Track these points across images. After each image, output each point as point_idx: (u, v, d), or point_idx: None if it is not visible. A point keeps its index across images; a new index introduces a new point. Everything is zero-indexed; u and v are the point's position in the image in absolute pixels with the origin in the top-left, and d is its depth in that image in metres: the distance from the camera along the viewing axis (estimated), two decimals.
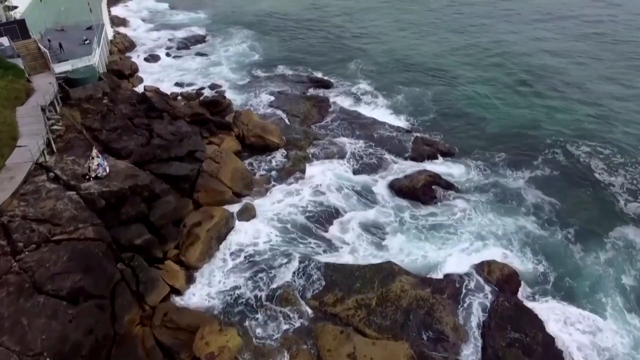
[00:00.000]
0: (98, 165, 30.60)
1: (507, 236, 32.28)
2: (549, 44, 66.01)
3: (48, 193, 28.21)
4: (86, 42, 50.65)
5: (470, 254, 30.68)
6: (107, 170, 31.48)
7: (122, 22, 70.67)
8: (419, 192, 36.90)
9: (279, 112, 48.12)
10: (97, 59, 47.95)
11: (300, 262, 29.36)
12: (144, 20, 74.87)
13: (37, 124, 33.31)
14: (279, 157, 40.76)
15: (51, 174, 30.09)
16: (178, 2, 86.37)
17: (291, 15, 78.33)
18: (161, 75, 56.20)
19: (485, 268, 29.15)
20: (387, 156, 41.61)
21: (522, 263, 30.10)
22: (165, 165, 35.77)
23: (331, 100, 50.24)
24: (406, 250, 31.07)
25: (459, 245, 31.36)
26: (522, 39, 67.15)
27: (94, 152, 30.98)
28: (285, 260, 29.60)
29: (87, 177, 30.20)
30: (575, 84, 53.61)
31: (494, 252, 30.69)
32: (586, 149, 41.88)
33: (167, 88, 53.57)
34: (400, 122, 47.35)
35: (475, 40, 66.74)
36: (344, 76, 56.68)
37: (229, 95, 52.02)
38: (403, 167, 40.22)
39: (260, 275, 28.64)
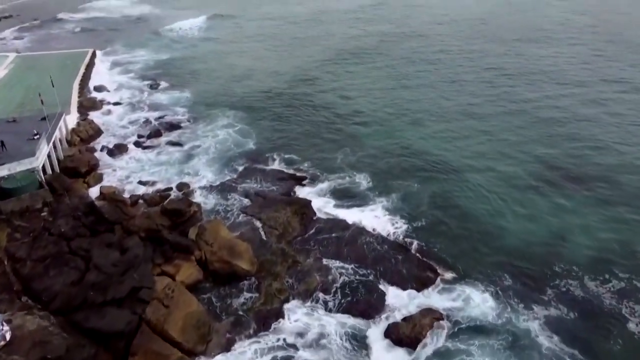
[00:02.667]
0: None
1: None
2: (577, 131, 58.23)
3: None
4: (36, 137, 44.24)
5: None
6: (7, 338, 23.59)
7: (93, 104, 64.87)
8: (424, 339, 29.17)
9: (254, 221, 40.86)
10: (41, 160, 41.23)
11: None
12: (120, 101, 69.11)
13: None
14: (248, 290, 33.05)
15: None
16: (167, 79, 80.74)
17: (280, 93, 72.84)
18: (124, 172, 49.37)
19: None
20: (381, 285, 34.05)
21: None
22: (96, 314, 27.93)
23: (316, 203, 43.06)
24: None
25: None
26: (542, 125, 59.76)
27: None
28: None
29: None
30: (613, 188, 45.93)
31: None
32: (618, 284, 34.37)
33: (130, 188, 46.78)
34: (395, 229, 40.38)
35: (485, 125, 60.13)
36: (333, 168, 50.00)
37: (199, 197, 45.04)
38: (400, 302, 32.57)
39: None
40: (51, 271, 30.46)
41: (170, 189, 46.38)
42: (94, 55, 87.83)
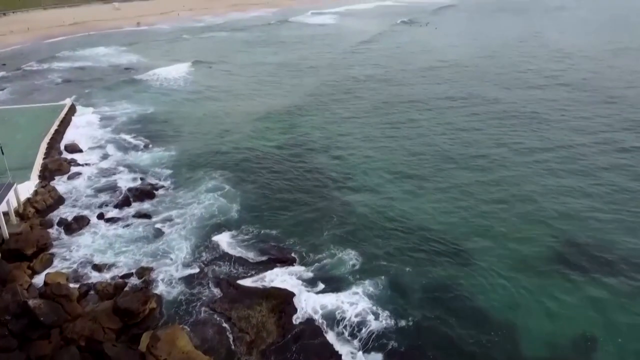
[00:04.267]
0: None
1: None
2: (602, 199, 51.94)
3: None
4: None
5: None
6: None
7: (60, 166, 59.18)
8: None
9: (223, 321, 34.39)
10: None
11: None
12: (92, 162, 63.21)
13: None
14: None
15: None
16: (150, 135, 75.01)
17: (268, 152, 67.35)
18: (81, 252, 43.13)
19: None
20: None
21: None
22: None
23: (297, 298, 36.67)
24: None
25: None
26: (561, 191, 53.50)
27: None
28: None
29: None
30: None
31: None
32: None
33: (83, 272, 40.42)
34: (384, 327, 33.90)
35: (497, 192, 53.78)
36: (319, 245, 43.77)
37: (162, 285, 38.81)
38: None
39: None
40: None
41: (130, 274, 39.98)
42: (71, 109, 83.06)
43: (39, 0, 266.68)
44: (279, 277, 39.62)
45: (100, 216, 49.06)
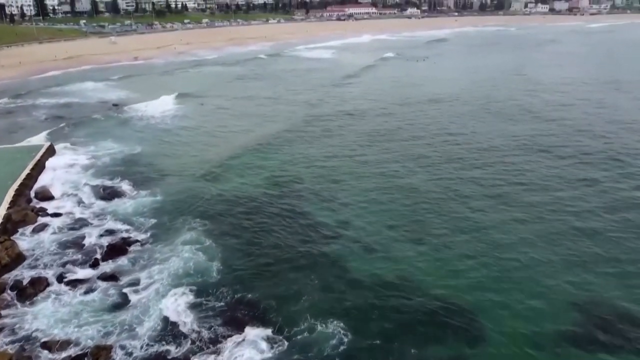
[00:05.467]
0: None
1: None
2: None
3: None
4: None
5: None
6: None
7: (25, 217, 54.10)
8: None
9: None
10: None
11: None
12: (63, 211, 58.18)
13: None
14: None
15: None
16: (131, 179, 69.74)
17: (254, 198, 62.22)
18: (33, 324, 37.62)
19: None
20: None
21: None
22: None
23: None
24: None
25: None
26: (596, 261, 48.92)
27: None
28: None
29: None
30: None
31: None
32: None
33: (30, 350, 34.93)
34: None
35: (513, 249, 48.26)
36: (299, 316, 38.05)
37: None
38: None
39: None
40: None
41: (84, 355, 34.52)
42: (49, 150, 78.42)
43: (36, 34, 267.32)
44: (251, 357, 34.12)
45: (61, 278, 43.69)
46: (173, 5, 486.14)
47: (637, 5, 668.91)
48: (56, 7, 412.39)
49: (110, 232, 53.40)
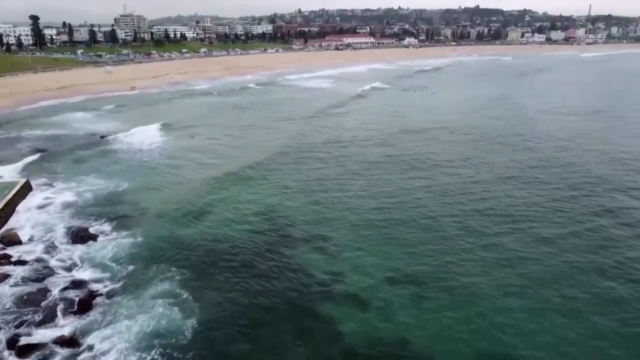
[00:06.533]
0: None
1: None
2: None
3: None
4: None
5: None
6: None
7: None
8: None
9: None
10: None
11: None
12: (28, 258, 52.97)
13: None
14: None
15: None
16: (110, 219, 64.55)
17: (238, 245, 57.36)
18: None
19: None
20: None
21: None
22: None
23: None
24: None
25: None
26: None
27: None
28: None
29: None
30: None
31: None
32: None
33: None
34: None
35: (523, 296, 44.39)
36: None
37: None
38: None
39: None
40: None
41: None
42: (25, 187, 73.69)
43: (31, 64, 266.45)
44: None
45: (12, 343, 38.39)
46: (172, 35, 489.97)
47: (633, 35, 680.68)
48: (54, 37, 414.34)
49: (77, 283, 48.25)
